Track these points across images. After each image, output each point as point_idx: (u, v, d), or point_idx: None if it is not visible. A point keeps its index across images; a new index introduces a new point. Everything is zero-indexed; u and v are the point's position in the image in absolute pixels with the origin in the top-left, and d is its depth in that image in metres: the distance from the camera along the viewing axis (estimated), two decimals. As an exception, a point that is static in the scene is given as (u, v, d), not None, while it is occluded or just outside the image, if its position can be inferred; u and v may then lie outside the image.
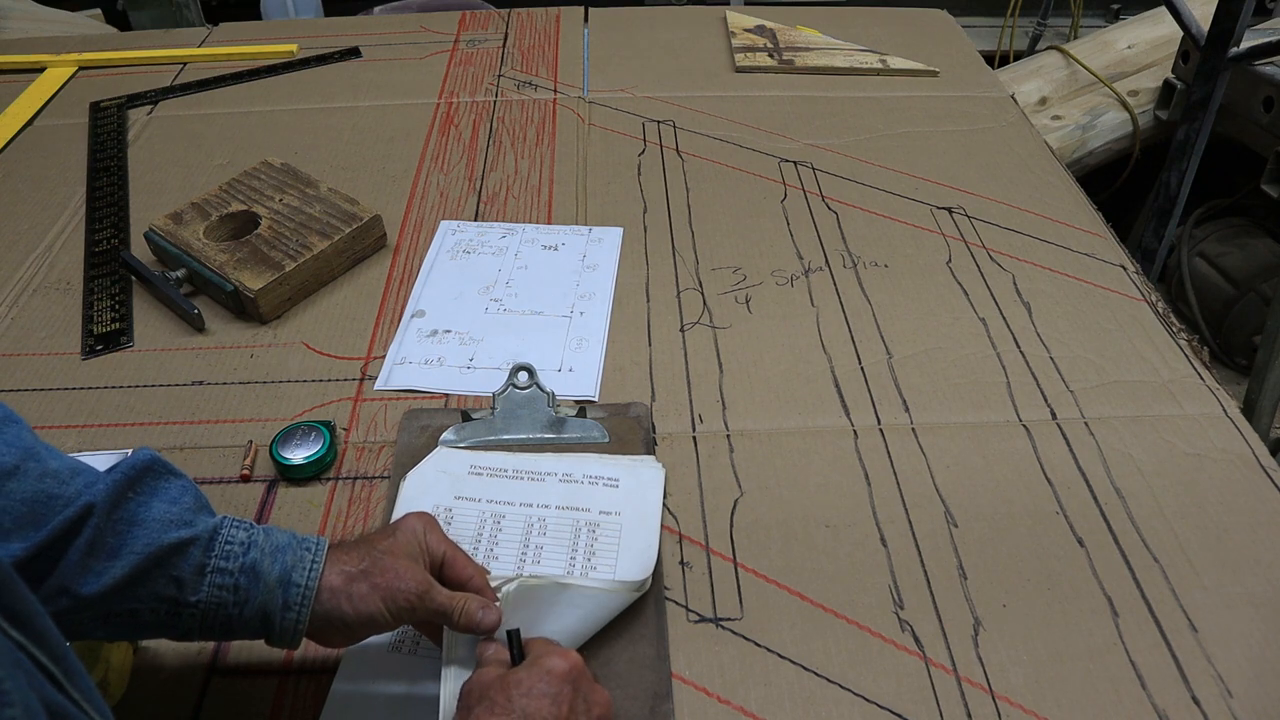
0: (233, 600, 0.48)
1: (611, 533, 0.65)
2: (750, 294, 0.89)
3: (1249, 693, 0.57)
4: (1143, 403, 0.78)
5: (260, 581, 0.48)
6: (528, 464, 0.69)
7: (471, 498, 0.67)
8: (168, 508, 0.48)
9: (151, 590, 0.46)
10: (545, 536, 0.64)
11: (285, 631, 0.49)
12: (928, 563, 0.65)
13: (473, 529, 0.65)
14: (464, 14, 1.48)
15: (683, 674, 0.58)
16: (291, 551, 0.50)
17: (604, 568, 0.62)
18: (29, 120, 1.19)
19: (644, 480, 0.68)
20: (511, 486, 0.68)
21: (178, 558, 0.47)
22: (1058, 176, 1.07)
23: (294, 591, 0.49)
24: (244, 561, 0.48)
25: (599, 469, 0.69)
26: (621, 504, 0.66)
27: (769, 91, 1.24)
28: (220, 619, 0.48)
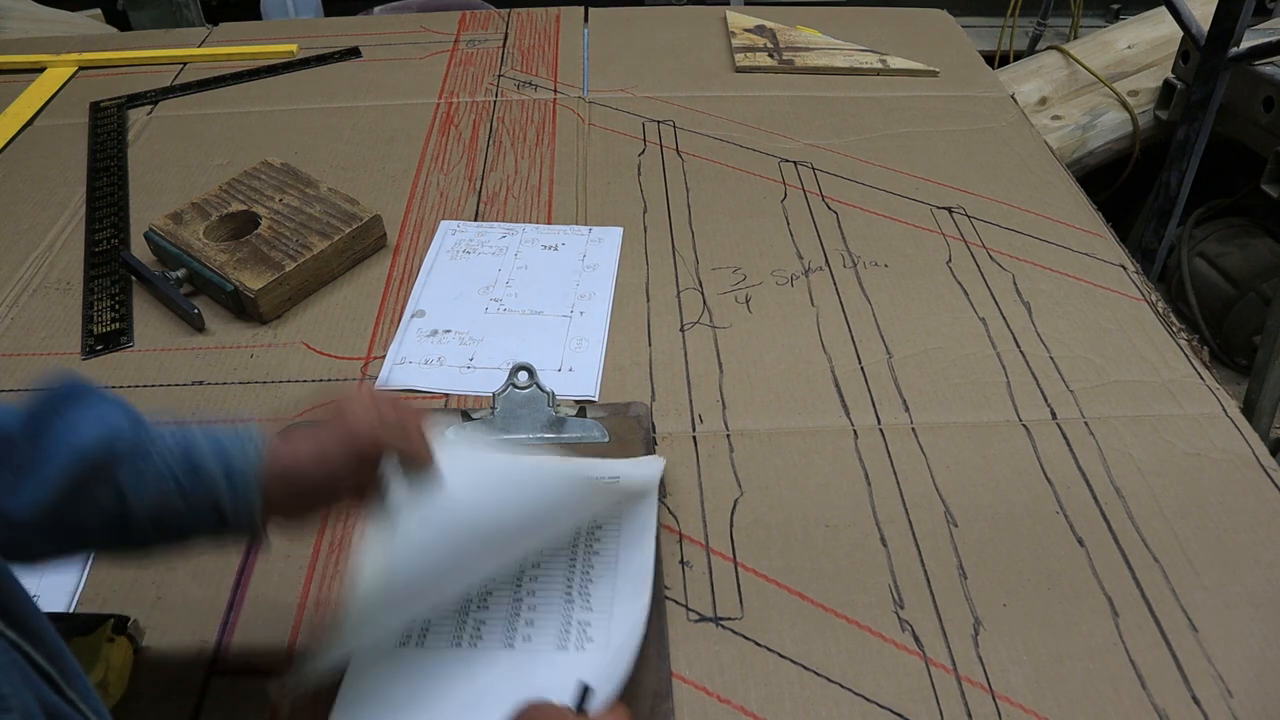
0: (178, 497, 0.46)
1: (612, 520, 0.64)
2: (750, 294, 0.89)
3: (1249, 693, 0.57)
4: (1143, 403, 0.78)
5: (202, 475, 0.46)
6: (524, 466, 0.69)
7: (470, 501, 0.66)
8: (89, 420, 0.45)
9: (92, 502, 0.44)
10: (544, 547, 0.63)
11: (241, 521, 0.47)
12: (928, 563, 0.65)
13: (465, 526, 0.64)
14: (464, 14, 1.48)
15: (683, 673, 0.58)
16: (227, 439, 0.48)
17: (607, 553, 0.63)
18: (29, 120, 1.19)
19: (644, 467, 0.67)
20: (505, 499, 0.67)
21: (111, 466, 0.44)
22: (1058, 176, 1.07)
23: (238, 477, 0.47)
24: (180, 455, 0.46)
25: (600, 469, 0.67)
26: (621, 493, 0.66)
27: (769, 91, 1.24)
28: (173, 522, 0.46)
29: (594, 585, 0.61)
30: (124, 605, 0.61)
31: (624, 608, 0.59)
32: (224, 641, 0.59)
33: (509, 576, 0.62)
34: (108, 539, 0.46)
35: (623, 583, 0.61)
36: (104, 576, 0.63)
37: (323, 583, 0.63)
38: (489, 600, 0.60)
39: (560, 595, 0.60)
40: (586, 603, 0.60)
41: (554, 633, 0.58)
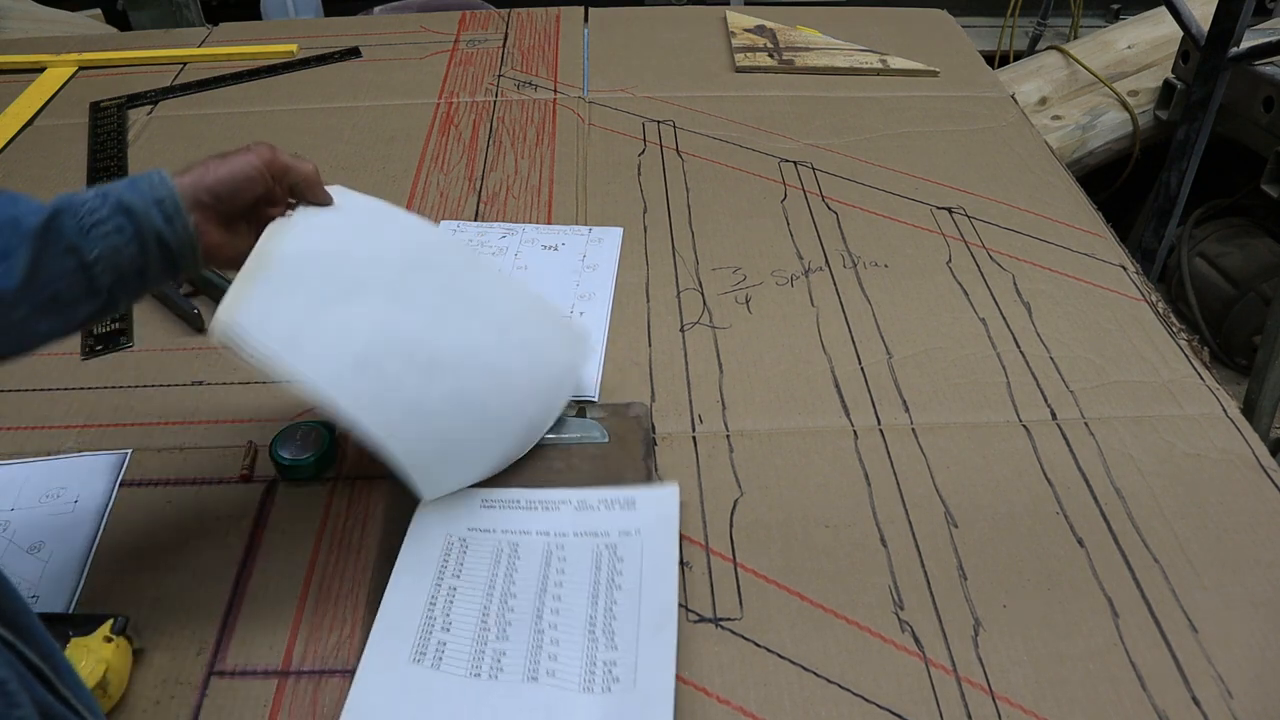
0: (124, 241, 0.53)
1: (633, 553, 0.63)
2: (750, 294, 0.89)
3: (1249, 693, 0.57)
4: (1143, 403, 0.78)
5: (134, 212, 0.53)
6: (540, 495, 0.68)
7: (485, 529, 0.65)
8: (11, 207, 0.51)
9: (58, 268, 0.51)
10: (566, 562, 0.63)
11: (182, 244, 0.55)
12: (928, 563, 0.65)
13: (489, 556, 0.63)
14: (464, 14, 1.48)
15: (682, 674, 0.58)
16: (140, 181, 0.55)
17: (629, 587, 0.61)
18: (29, 120, 1.19)
19: (659, 498, 0.67)
20: (525, 517, 0.66)
21: (55, 232, 0.51)
22: (1058, 176, 1.07)
23: (165, 204, 0.55)
24: (110, 205, 0.53)
25: (613, 493, 0.68)
26: (639, 523, 0.65)
27: (769, 91, 1.24)
28: (129, 265, 0.53)
29: (617, 623, 0.59)
30: (123, 605, 0.61)
31: (649, 645, 0.57)
32: (224, 641, 0.60)
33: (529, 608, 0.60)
34: (82, 296, 0.52)
35: (646, 617, 0.59)
36: (104, 577, 0.63)
37: (322, 583, 0.63)
38: (508, 632, 0.59)
39: (583, 632, 0.59)
40: (611, 641, 0.58)
41: (579, 671, 0.56)
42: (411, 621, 0.59)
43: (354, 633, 0.60)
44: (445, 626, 0.59)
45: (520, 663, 0.57)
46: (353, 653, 0.59)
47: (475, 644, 0.58)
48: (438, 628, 0.59)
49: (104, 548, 0.65)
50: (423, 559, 0.63)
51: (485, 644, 0.58)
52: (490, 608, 0.60)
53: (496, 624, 0.59)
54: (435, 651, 0.57)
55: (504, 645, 0.58)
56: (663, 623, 0.58)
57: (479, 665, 0.57)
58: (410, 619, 0.59)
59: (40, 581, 0.62)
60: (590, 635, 0.58)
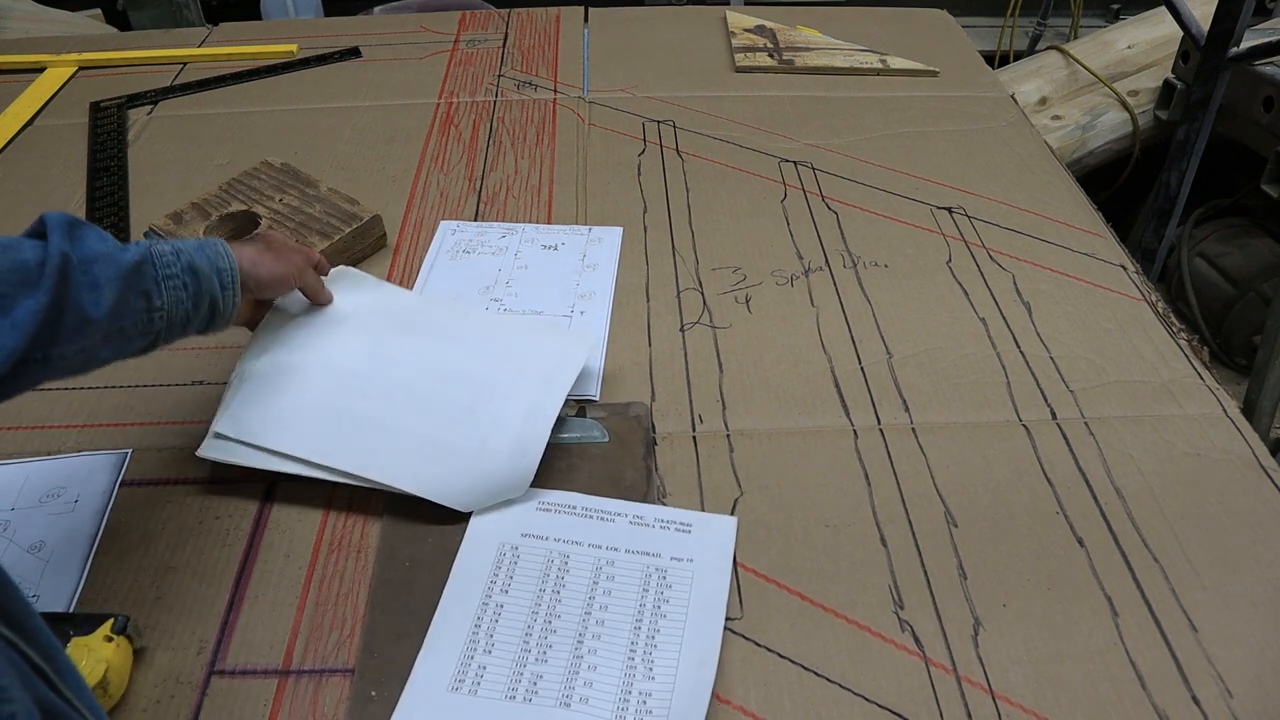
0: (186, 295, 0.61)
1: (683, 580, 0.62)
2: (750, 294, 0.89)
3: (1249, 693, 0.57)
4: (1143, 403, 0.78)
5: (200, 275, 0.62)
6: (597, 503, 0.68)
7: (538, 535, 0.65)
8: (102, 243, 0.57)
9: (131, 306, 0.58)
10: (614, 581, 0.62)
11: (226, 309, 0.64)
12: (928, 563, 0.65)
13: (539, 568, 0.63)
14: (464, 14, 1.48)
15: (683, 674, 0.58)
16: (208, 249, 0.64)
17: (675, 615, 0.60)
18: (29, 120, 1.19)
19: (716, 527, 0.66)
20: (579, 525, 0.66)
21: (139, 275, 0.58)
22: (1058, 176, 1.07)
23: (225, 275, 0.64)
24: (182, 264, 0.61)
25: (671, 513, 0.67)
26: (693, 550, 0.64)
27: (769, 91, 1.24)
28: (180, 315, 0.61)
29: (658, 652, 0.58)
30: (124, 605, 0.61)
31: (687, 680, 0.56)
32: (224, 641, 0.60)
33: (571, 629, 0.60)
34: (139, 334, 0.59)
35: (689, 651, 0.58)
36: (104, 577, 0.63)
37: (322, 583, 0.63)
38: (548, 655, 0.58)
39: (622, 659, 0.58)
40: (649, 671, 0.57)
41: (612, 699, 0.56)
42: (456, 644, 0.59)
43: (354, 632, 0.60)
44: (488, 649, 0.58)
45: (556, 687, 0.56)
46: (353, 652, 0.59)
47: (514, 666, 0.58)
48: (480, 650, 0.58)
49: (104, 548, 0.65)
50: (475, 571, 0.63)
51: (524, 666, 0.58)
52: (534, 628, 0.60)
53: (538, 646, 0.59)
54: (475, 676, 0.57)
55: (542, 669, 0.57)
56: (705, 658, 0.58)
57: (515, 688, 0.57)
58: (456, 640, 0.59)
59: (40, 581, 0.62)
60: (629, 663, 0.58)
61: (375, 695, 0.57)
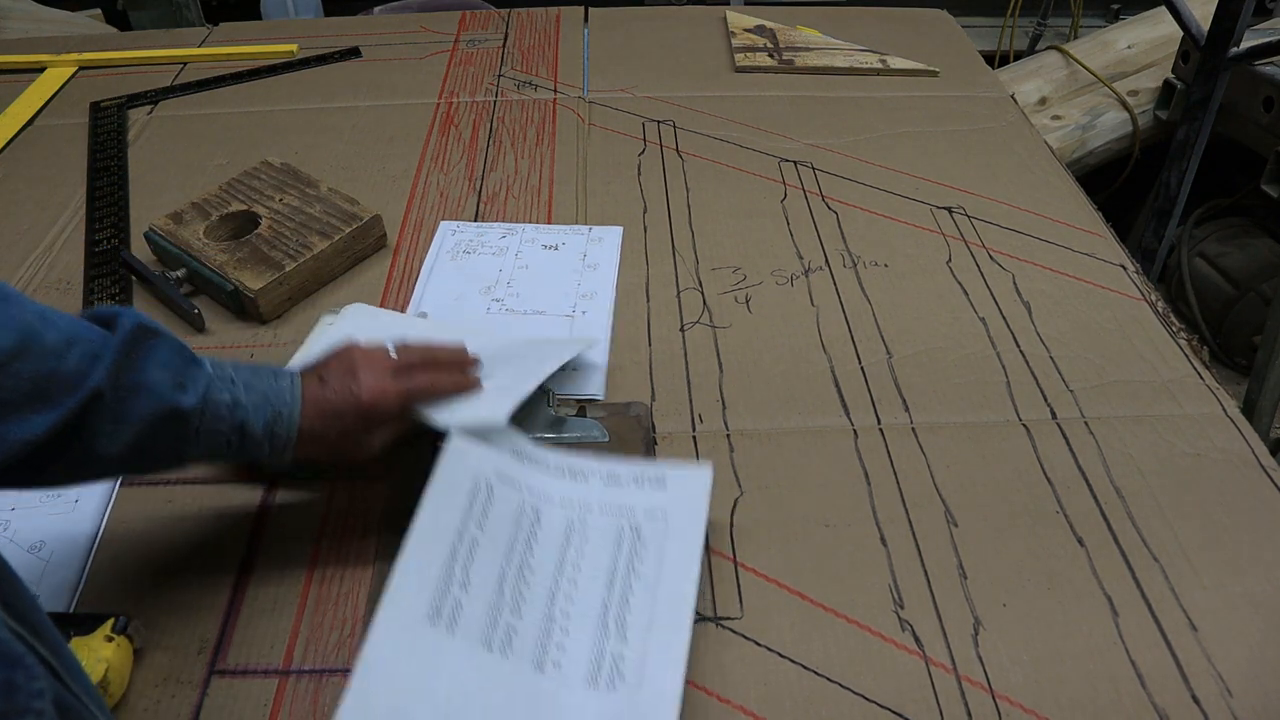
0: (224, 445, 0.55)
1: (657, 535, 0.61)
2: (750, 294, 0.89)
3: (1249, 693, 0.57)
4: (1143, 403, 0.78)
5: (248, 436, 0.56)
6: (570, 461, 0.66)
7: (512, 482, 0.63)
8: (163, 372, 0.52)
9: (156, 450, 0.53)
10: (587, 542, 0.61)
11: (272, 464, 0.59)
12: (928, 562, 0.65)
13: (512, 516, 0.62)
14: (464, 14, 1.48)
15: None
16: (272, 404, 0.57)
17: (647, 574, 0.59)
18: (29, 120, 1.19)
19: (690, 480, 0.65)
20: (553, 482, 0.65)
21: (178, 424, 0.52)
22: (1058, 176, 1.07)
23: (279, 439, 0.57)
24: (232, 422, 0.55)
25: (644, 469, 0.66)
26: (668, 505, 0.63)
27: (769, 91, 1.24)
28: (213, 454, 0.56)
29: (631, 614, 0.57)
30: (124, 605, 0.61)
31: (660, 643, 0.56)
32: (224, 641, 0.60)
33: (544, 586, 0.59)
34: (159, 471, 0.57)
35: (662, 612, 0.57)
36: (104, 577, 0.63)
37: (322, 583, 0.63)
38: (522, 608, 0.57)
39: (595, 621, 0.57)
40: (622, 633, 0.56)
41: (585, 663, 0.55)
42: (433, 568, 0.57)
43: (354, 632, 0.60)
44: (464, 585, 0.57)
45: (529, 645, 0.55)
46: (353, 652, 0.59)
47: (490, 611, 0.56)
48: (456, 584, 0.57)
49: (104, 548, 0.65)
50: (452, 494, 0.61)
51: (499, 613, 0.56)
52: (508, 575, 0.58)
53: (512, 595, 0.57)
54: (452, 611, 0.55)
55: (516, 621, 0.56)
56: (677, 621, 0.57)
57: (491, 636, 0.55)
58: (432, 565, 0.57)
59: (40, 581, 0.63)
60: (602, 625, 0.57)
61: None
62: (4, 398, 0.46)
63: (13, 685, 0.33)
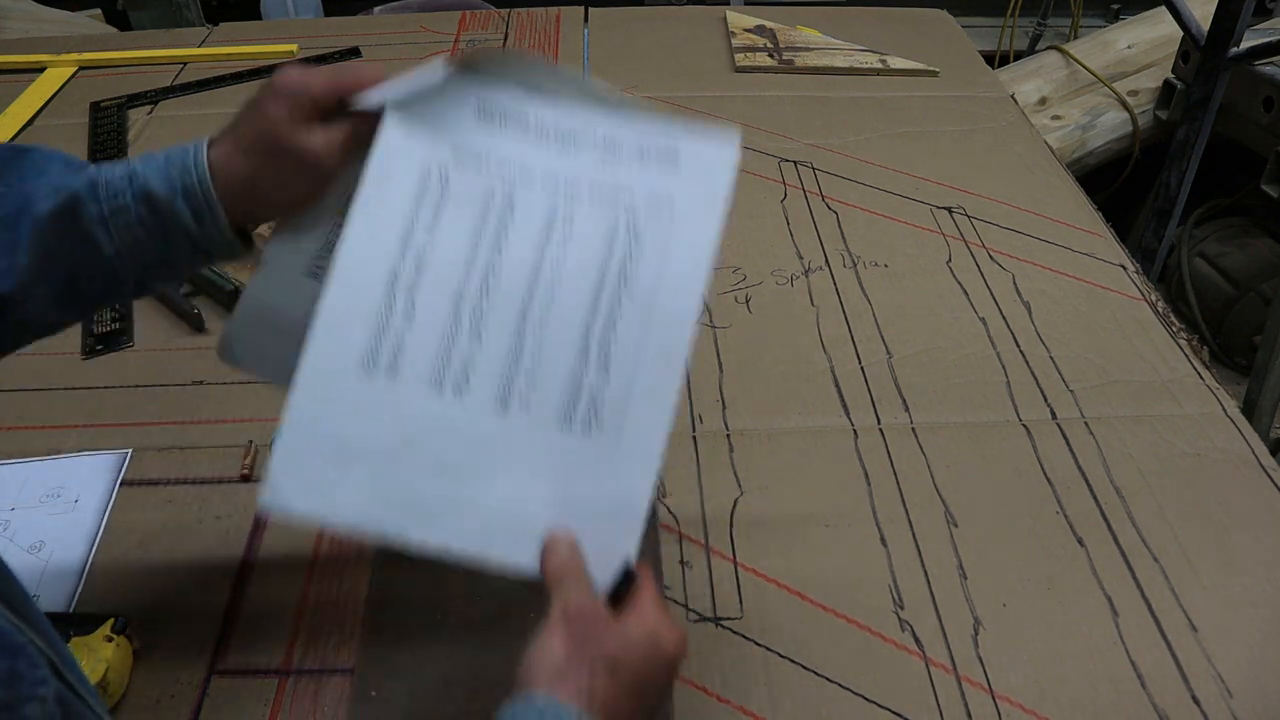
0: (146, 234, 0.47)
1: (659, 231, 0.49)
2: (750, 294, 0.89)
3: (1249, 692, 0.57)
4: (1143, 403, 0.78)
5: (159, 204, 0.47)
6: (559, 119, 0.50)
7: (478, 153, 0.49)
8: (38, 181, 0.46)
9: (71, 259, 0.46)
10: (572, 231, 0.49)
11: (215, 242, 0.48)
12: (928, 563, 0.65)
13: (475, 210, 0.48)
14: (464, 14, 1.48)
15: (682, 674, 0.58)
16: (173, 160, 0.48)
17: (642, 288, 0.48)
18: (29, 120, 1.18)
19: (710, 159, 0.51)
20: (533, 150, 0.50)
21: (74, 218, 0.46)
22: (1058, 176, 1.07)
23: (195, 196, 0.47)
24: (136, 192, 0.47)
25: (654, 135, 0.50)
26: (676, 189, 0.50)
27: (769, 91, 1.24)
28: (153, 258, 0.48)
29: (617, 338, 0.47)
30: (124, 605, 0.61)
31: (648, 379, 0.46)
32: (224, 641, 0.60)
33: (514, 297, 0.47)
34: (100, 287, 0.48)
35: (655, 336, 0.47)
36: (104, 577, 0.63)
37: (322, 583, 0.63)
38: (483, 327, 0.47)
39: (576, 339, 0.47)
40: (605, 362, 0.47)
41: (558, 399, 0.46)
42: (367, 301, 0.46)
43: (354, 632, 0.60)
44: (408, 314, 0.46)
45: (491, 378, 0.46)
46: (353, 652, 0.59)
47: (442, 340, 0.46)
48: (398, 316, 0.46)
49: (104, 548, 0.65)
50: (388, 199, 0.48)
51: (454, 341, 0.47)
52: (467, 291, 0.47)
53: (471, 316, 0.47)
54: (392, 352, 0.46)
55: (476, 349, 0.46)
56: (671, 351, 0.47)
57: (443, 371, 0.46)
58: (365, 299, 0.46)
59: (40, 581, 0.63)
60: (583, 351, 0.47)
61: (375, 695, 0.57)
62: None
63: (16, 674, 0.33)
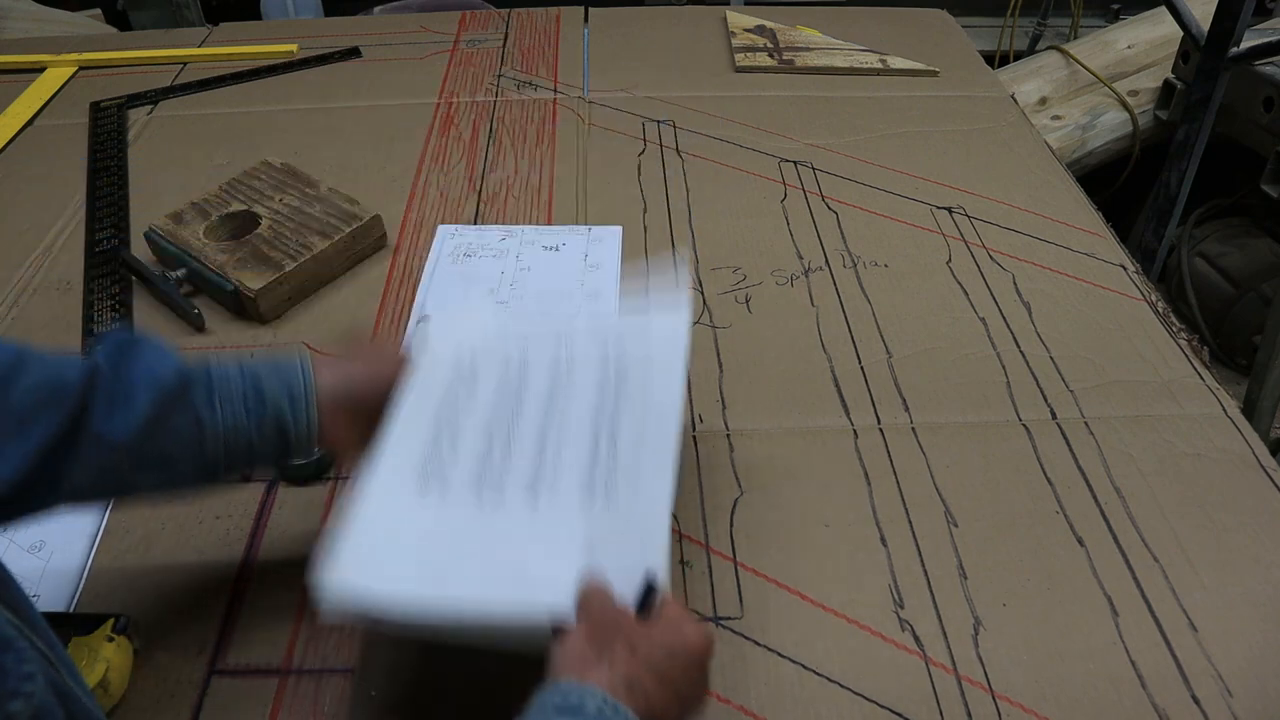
0: (247, 419, 0.53)
1: (639, 371, 0.61)
2: (750, 294, 0.89)
3: (1249, 692, 0.57)
4: (1143, 402, 0.78)
5: (265, 399, 0.53)
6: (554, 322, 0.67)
7: (500, 336, 0.64)
8: (157, 358, 0.52)
9: (175, 428, 0.51)
10: (574, 378, 0.61)
11: (300, 438, 0.54)
12: (928, 563, 0.65)
13: (498, 367, 0.62)
14: (464, 14, 1.48)
15: (683, 674, 0.58)
16: (284, 369, 0.55)
17: (631, 411, 0.59)
18: (29, 120, 1.19)
19: (669, 326, 0.63)
20: (539, 329, 0.65)
21: (188, 394, 0.51)
22: (1058, 176, 1.07)
23: (298, 400, 0.54)
24: (245, 385, 0.53)
25: (627, 315, 0.67)
26: (649, 345, 0.63)
27: (769, 91, 1.24)
28: (241, 442, 0.53)
29: (620, 436, 0.58)
30: (124, 605, 0.61)
31: (649, 456, 0.56)
32: (224, 640, 0.60)
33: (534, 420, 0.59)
34: (188, 460, 0.52)
35: (650, 431, 0.57)
36: (104, 577, 0.63)
37: (323, 583, 0.63)
38: (512, 449, 0.57)
39: (586, 445, 0.57)
40: (613, 453, 0.57)
41: (578, 482, 0.55)
42: (419, 437, 0.57)
43: (354, 632, 0.60)
44: (452, 448, 0.57)
45: (522, 478, 0.56)
46: (353, 652, 0.59)
47: (479, 462, 0.56)
48: (445, 451, 0.57)
49: (104, 548, 0.65)
50: (433, 371, 0.61)
51: (489, 460, 0.57)
52: (497, 426, 0.59)
53: (502, 442, 0.58)
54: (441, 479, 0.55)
55: (506, 463, 0.56)
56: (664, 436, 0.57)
57: (482, 481, 0.55)
58: (418, 433, 0.57)
59: (40, 581, 0.63)
60: (593, 449, 0.57)
61: (375, 695, 0.57)
62: (20, 412, 0.46)
63: (1, 669, 0.33)
